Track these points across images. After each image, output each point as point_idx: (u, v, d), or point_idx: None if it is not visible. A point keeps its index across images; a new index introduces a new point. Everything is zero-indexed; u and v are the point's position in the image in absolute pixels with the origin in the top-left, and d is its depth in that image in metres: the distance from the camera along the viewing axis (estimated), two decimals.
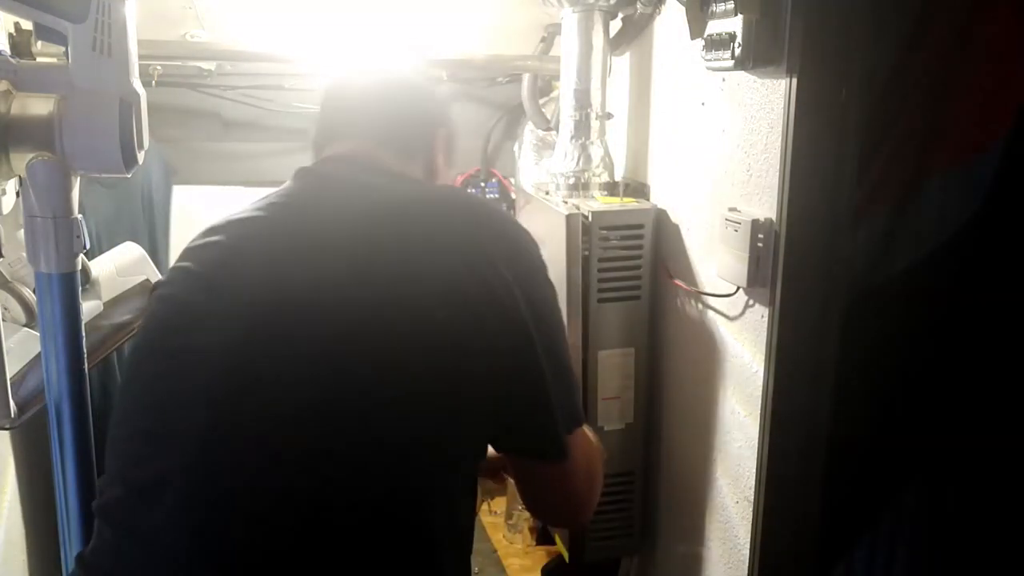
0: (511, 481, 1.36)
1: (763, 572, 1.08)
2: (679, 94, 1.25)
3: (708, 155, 1.16)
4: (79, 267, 0.86)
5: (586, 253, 1.23)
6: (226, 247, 0.81)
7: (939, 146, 1.07)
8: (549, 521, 1.15)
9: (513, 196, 2.06)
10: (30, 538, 1.30)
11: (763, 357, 1.03)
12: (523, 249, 0.85)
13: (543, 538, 1.69)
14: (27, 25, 1.21)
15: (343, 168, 0.91)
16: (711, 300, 1.17)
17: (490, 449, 0.87)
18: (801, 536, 1.06)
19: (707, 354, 1.18)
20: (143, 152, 0.86)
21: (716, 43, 1.01)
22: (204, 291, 0.79)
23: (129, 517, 0.74)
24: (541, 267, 0.86)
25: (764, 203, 1.01)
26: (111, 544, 0.76)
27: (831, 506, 1.06)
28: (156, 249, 1.81)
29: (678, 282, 1.24)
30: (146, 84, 0.85)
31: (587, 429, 0.89)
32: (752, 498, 1.07)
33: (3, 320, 1.00)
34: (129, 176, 0.86)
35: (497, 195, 2.10)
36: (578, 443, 0.86)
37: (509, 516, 1.73)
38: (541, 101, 1.74)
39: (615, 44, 1.40)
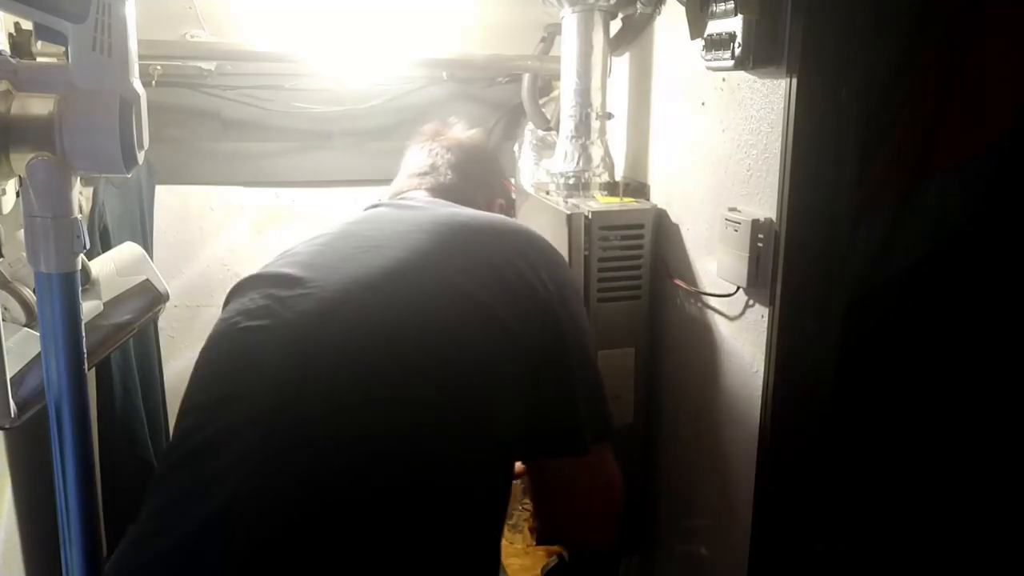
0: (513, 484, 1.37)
1: (763, 573, 1.08)
2: (679, 94, 1.25)
3: (708, 155, 1.16)
4: (79, 267, 0.86)
5: (586, 253, 1.23)
6: (303, 252, 0.95)
7: (939, 146, 1.07)
8: (566, 537, 1.17)
9: (513, 196, 2.06)
10: (28, 539, 1.30)
11: (763, 357, 1.03)
12: (561, 266, 0.99)
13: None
14: (27, 25, 1.22)
15: (415, 200, 1.12)
16: (711, 300, 1.17)
17: None
18: (801, 538, 1.06)
19: (707, 354, 1.18)
20: (143, 152, 0.86)
21: (716, 43, 1.01)
22: (282, 285, 0.90)
23: (188, 476, 0.78)
24: (575, 284, 1.00)
25: (764, 203, 1.01)
26: (168, 505, 0.78)
27: (831, 507, 1.06)
28: (145, 248, 1.80)
29: (678, 282, 1.24)
30: (146, 84, 0.85)
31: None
32: (752, 498, 1.07)
33: (3, 320, 1.00)
34: (129, 176, 0.86)
35: None
36: (602, 457, 0.94)
37: (509, 516, 1.73)
38: (541, 101, 1.74)
39: (615, 44, 1.40)
